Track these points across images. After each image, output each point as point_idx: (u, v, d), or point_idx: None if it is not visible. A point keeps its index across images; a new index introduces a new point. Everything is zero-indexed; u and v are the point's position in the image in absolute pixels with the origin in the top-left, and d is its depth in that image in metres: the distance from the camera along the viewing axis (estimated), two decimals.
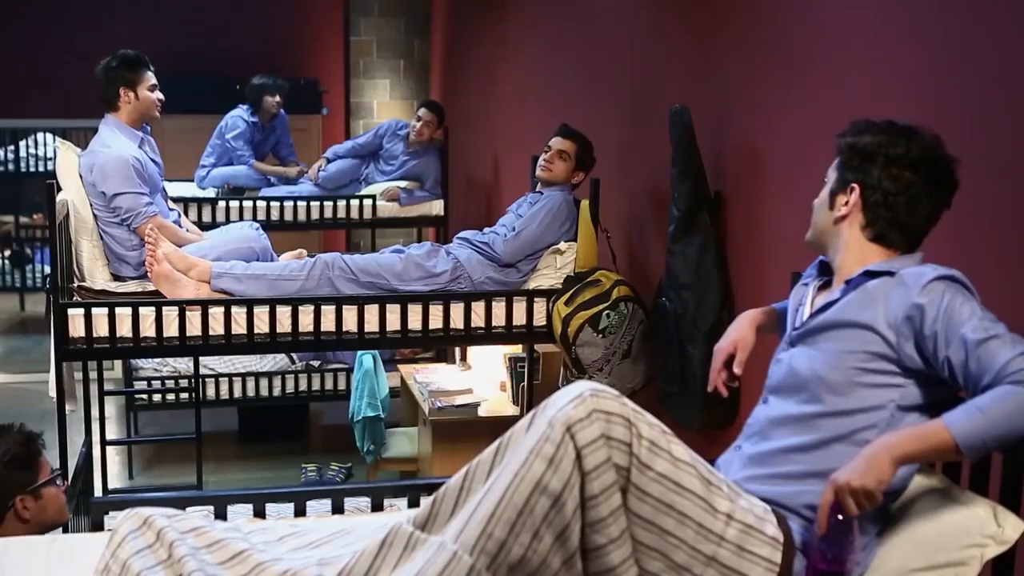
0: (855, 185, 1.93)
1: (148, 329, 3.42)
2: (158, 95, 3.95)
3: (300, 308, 3.51)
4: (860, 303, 1.87)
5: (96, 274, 3.78)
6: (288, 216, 5.91)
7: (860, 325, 1.84)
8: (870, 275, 1.89)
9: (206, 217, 5.74)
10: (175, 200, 4.57)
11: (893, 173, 1.89)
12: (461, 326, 3.65)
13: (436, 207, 6.28)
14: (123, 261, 3.83)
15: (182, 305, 3.45)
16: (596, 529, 1.66)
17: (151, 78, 3.93)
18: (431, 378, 5.03)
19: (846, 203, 1.94)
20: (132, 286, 3.72)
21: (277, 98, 6.40)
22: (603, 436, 1.65)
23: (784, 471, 1.89)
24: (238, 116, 6.34)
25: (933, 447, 1.69)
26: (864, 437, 1.82)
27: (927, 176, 1.88)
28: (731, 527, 1.74)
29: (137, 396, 5.44)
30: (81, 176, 3.82)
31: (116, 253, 3.82)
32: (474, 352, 5.34)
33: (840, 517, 1.72)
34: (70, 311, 3.37)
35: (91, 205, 3.81)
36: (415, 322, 3.60)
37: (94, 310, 3.38)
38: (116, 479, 5.12)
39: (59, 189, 3.73)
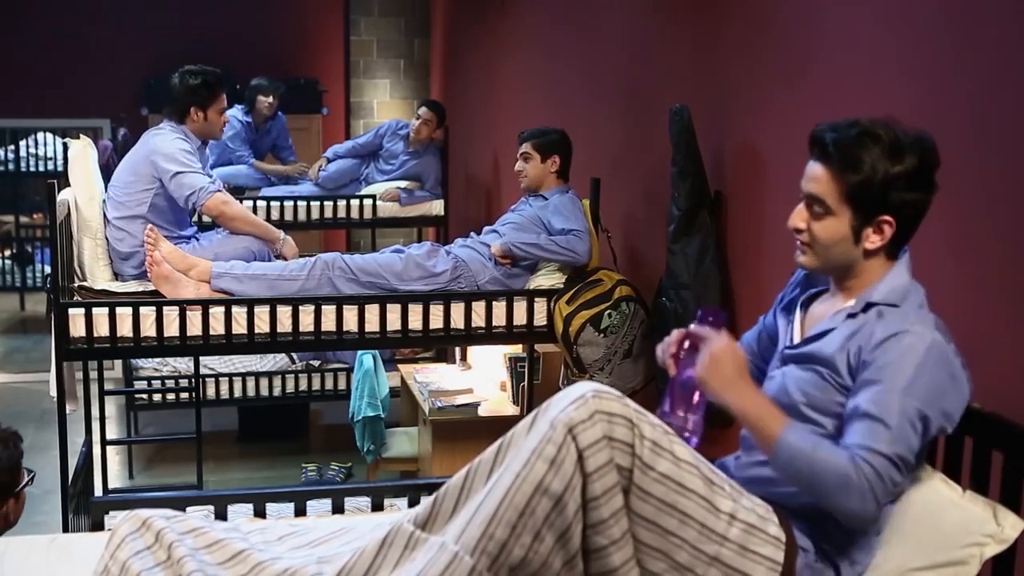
0: (889, 217, 1.81)
1: (148, 329, 3.41)
2: (225, 116, 4.02)
3: (300, 308, 3.51)
4: (849, 335, 1.82)
5: (97, 274, 3.78)
6: (288, 216, 5.91)
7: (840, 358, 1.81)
8: (871, 305, 1.83)
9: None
10: None
11: (917, 196, 1.80)
12: (461, 326, 3.64)
13: (436, 207, 6.27)
14: (126, 260, 3.83)
15: (182, 305, 3.44)
16: (598, 530, 1.66)
17: (224, 101, 3.99)
18: (431, 378, 5.02)
19: (880, 237, 1.83)
20: (133, 285, 3.72)
21: (271, 99, 6.38)
22: (605, 437, 1.65)
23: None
24: (233, 116, 6.32)
25: (761, 427, 1.75)
26: None
27: (933, 185, 1.82)
28: (734, 527, 1.74)
29: (137, 396, 5.43)
30: (105, 167, 3.86)
31: (120, 252, 3.82)
32: (474, 352, 5.33)
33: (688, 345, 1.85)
34: (71, 311, 3.37)
35: (104, 203, 3.81)
36: (415, 322, 3.60)
37: (95, 310, 3.38)
38: (116, 479, 5.11)
39: (66, 184, 3.73)
